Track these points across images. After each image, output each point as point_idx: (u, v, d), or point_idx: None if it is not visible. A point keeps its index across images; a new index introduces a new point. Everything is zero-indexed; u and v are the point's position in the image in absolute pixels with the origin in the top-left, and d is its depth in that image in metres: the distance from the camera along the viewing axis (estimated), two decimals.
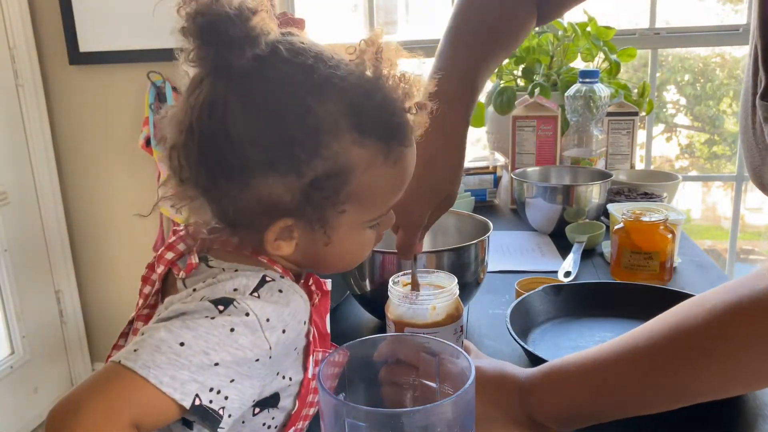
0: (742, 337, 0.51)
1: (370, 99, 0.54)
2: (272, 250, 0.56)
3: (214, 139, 0.53)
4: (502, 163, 1.61)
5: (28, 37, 2.29)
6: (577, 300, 0.90)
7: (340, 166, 0.54)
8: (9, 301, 2.26)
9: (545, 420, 0.60)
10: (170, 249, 0.61)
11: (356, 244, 0.61)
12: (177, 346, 0.49)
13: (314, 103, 0.52)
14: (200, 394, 0.49)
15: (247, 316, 0.51)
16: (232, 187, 0.54)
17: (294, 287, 0.56)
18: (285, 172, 0.53)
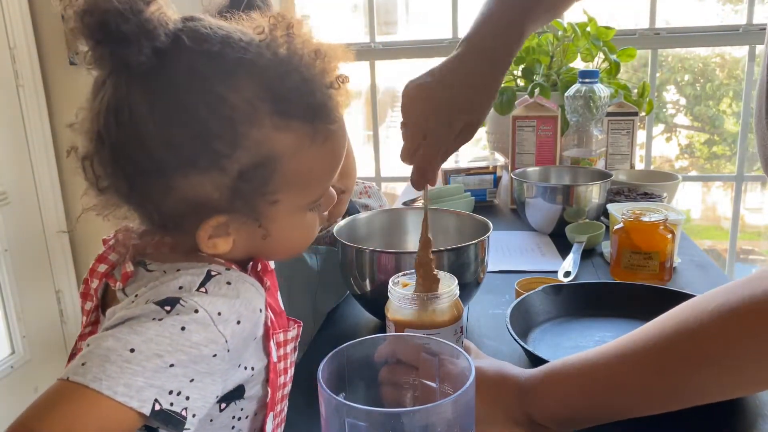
0: (742, 341, 0.51)
1: (287, 80, 0.51)
2: (208, 249, 0.54)
3: (125, 145, 0.50)
4: (502, 163, 1.61)
5: (28, 37, 2.29)
6: (577, 300, 0.90)
7: (265, 155, 0.51)
8: (9, 301, 2.26)
9: (545, 420, 0.61)
10: (101, 261, 0.59)
11: (298, 231, 0.59)
12: (127, 353, 0.46)
13: (226, 92, 0.49)
14: (159, 398, 0.47)
15: (196, 313, 0.49)
16: (153, 191, 0.52)
17: (243, 277, 0.55)
18: (207, 169, 0.50)
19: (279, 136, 0.52)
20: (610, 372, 0.58)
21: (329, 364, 0.51)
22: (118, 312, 0.51)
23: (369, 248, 0.89)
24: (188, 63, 0.50)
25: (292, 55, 0.52)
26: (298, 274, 1.01)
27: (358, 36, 2.38)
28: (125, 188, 0.52)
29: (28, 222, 2.35)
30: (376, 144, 2.38)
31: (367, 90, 2.35)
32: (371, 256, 0.87)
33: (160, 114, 0.49)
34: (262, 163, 0.52)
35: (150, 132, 0.49)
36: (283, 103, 0.51)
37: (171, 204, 0.53)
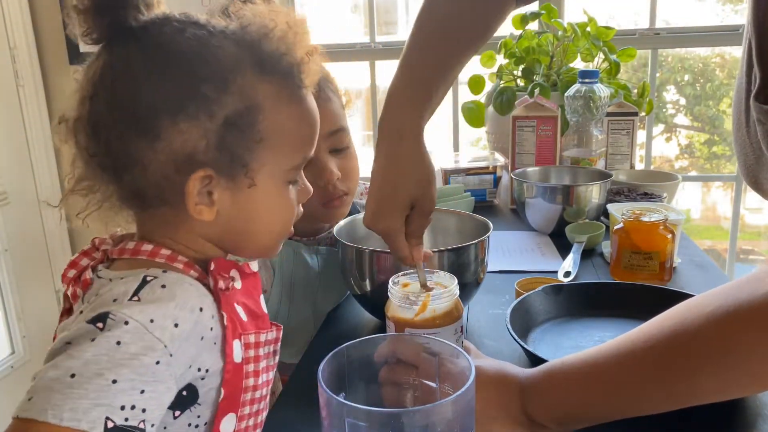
0: (741, 342, 0.51)
1: (264, 42, 0.57)
2: (195, 213, 0.56)
3: (120, 96, 0.54)
4: (502, 163, 1.61)
5: (28, 37, 2.29)
6: (577, 300, 0.90)
7: (248, 102, 0.55)
8: (9, 301, 2.26)
9: (545, 420, 0.61)
10: (72, 266, 0.60)
11: (279, 202, 0.61)
12: (68, 379, 0.47)
13: (214, 46, 0.55)
14: (110, 416, 0.47)
15: (126, 325, 0.49)
16: (143, 143, 0.54)
17: (182, 278, 0.55)
18: (195, 113, 0.53)
19: (260, 86, 0.57)
20: (609, 372, 0.58)
21: (329, 364, 0.51)
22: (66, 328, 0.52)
23: (369, 248, 0.89)
24: (179, 27, 0.55)
25: (267, 27, 0.58)
26: (299, 274, 1.01)
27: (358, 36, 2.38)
28: (116, 144, 0.54)
29: (28, 222, 2.35)
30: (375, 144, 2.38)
31: (367, 90, 2.35)
32: (371, 256, 0.87)
33: (154, 62, 0.54)
34: (246, 109, 0.55)
35: (143, 80, 0.54)
36: (262, 60, 0.57)
37: (159, 162, 0.54)
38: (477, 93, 1.84)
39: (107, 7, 0.53)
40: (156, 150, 0.54)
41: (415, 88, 0.77)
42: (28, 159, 2.35)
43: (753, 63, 0.53)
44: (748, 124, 0.55)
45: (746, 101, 0.54)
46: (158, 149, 0.54)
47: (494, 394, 0.62)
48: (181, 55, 0.54)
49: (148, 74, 0.54)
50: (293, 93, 0.59)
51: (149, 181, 0.55)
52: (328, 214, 0.99)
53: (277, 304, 1.00)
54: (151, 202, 0.57)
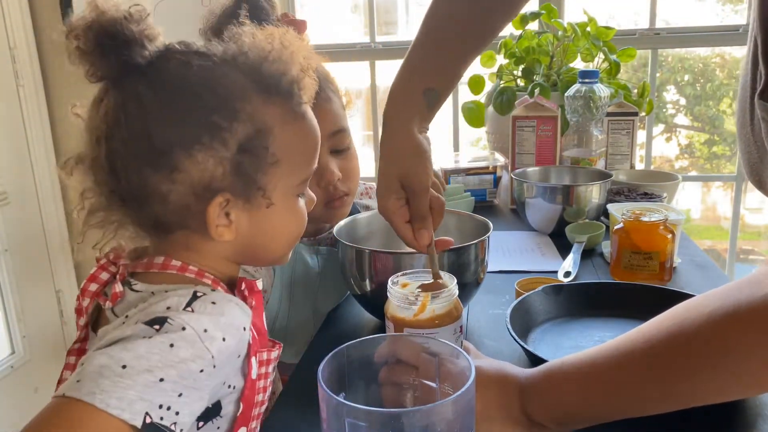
0: (740, 344, 0.51)
1: (265, 65, 0.59)
2: (216, 236, 0.58)
3: (135, 133, 0.56)
4: (502, 163, 1.61)
5: (28, 37, 2.29)
6: (577, 300, 0.90)
7: (258, 127, 0.58)
8: (9, 301, 2.26)
9: (544, 420, 0.61)
10: (92, 280, 0.63)
11: (291, 216, 0.64)
12: (119, 368, 0.49)
13: (219, 75, 0.57)
14: (150, 412, 0.49)
15: (183, 330, 0.52)
16: (161, 176, 0.56)
17: (227, 297, 0.57)
18: (209, 143, 0.55)
19: (267, 110, 0.59)
20: (609, 372, 0.58)
21: (329, 364, 0.51)
22: (110, 332, 0.53)
23: (369, 248, 0.89)
24: (183, 59, 0.57)
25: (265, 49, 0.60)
26: (299, 274, 1.01)
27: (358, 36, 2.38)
28: (135, 178, 0.56)
29: (28, 222, 2.35)
30: (376, 144, 2.38)
31: (367, 90, 2.35)
32: (371, 256, 0.87)
33: (165, 98, 0.56)
34: (256, 133, 0.58)
35: (157, 116, 0.55)
36: (265, 83, 0.59)
37: (178, 193, 0.56)
38: (477, 93, 1.84)
39: (112, 48, 0.54)
40: (175, 181, 0.56)
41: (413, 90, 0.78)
42: (28, 159, 2.35)
43: (758, 61, 0.53)
44: (753, 122, 0.55)
45: (751, 99, 0.54)
46: (177, 180, 0.56)
47: (494, 394, 0.62)
48: (190, 87, 0.56)
49: (160, 110, 0.56)
50: (296, 111, 0.62)
51: (170, 210, 0.57)
52: (329, 215, 0.99)
53: (277, 304, 1.00)
54: (171, 229, 0.59)
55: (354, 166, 1.00)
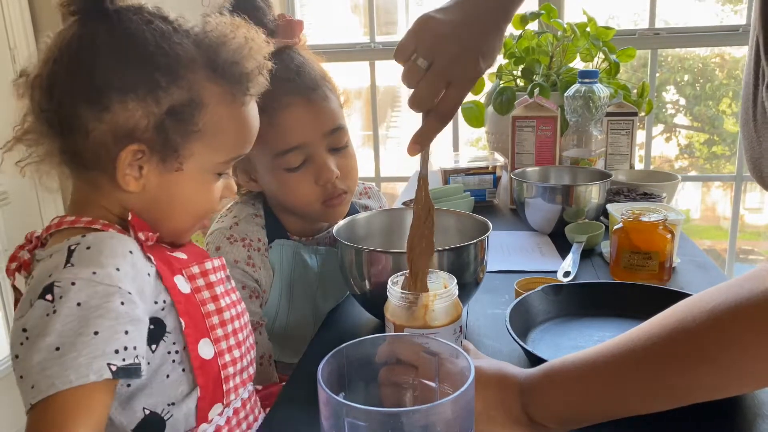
0: (741, 339, 0.51)
1: (221, 48, 0.64)
2: (122, 182, 0.61)
3: (80, 65, 0.60)
4: (502, 163, 1.61)
5: (28, 37, 2.29)
6: (577, 300, 0.90)
7: (193, 97, 0.61)
8: (9, 301, 2.26)
9: (545, 420, 0.61)
10: (13, 260, 0.65)
11: (201, 190, 0.66)
12: (55, 352, 0.51)
13: (175, 42, 0.61)
14: (110, 361, 0.52)
15: (74, 285, 0.54)
16: (91, 111, 0.59)
17: (99, 235, 0.59)
18: (144, 96, 0.59)
19: (208, 86, 0.63)
20: (608, 370, 0.58)
21: (329, 364, 0.51)
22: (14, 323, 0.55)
23: (368, 248, 0.89)
24: (147, 17, 0.61)
25: (228, 36, 0.64)
26: (299, 274, 1.01)
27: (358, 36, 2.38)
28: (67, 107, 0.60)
29: (28, 222, 2.35)
30: (375, 144, 2.38)
31: (366, 90, 2.35)
32: (371, 256, 0.87)
33: (117, 44, 0.60)
34: (190, 103, 0.61)
35: (104, 57, 0.59)
36: (216, 64, 0.63)
37: (100, 132, 0.60)
38: (477, 93, 1.84)
39: None
40: (101, 120, 0.60)
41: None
42: None
43: (760, 58, 0.53)
44: (755, 118, 0.55)
45: (753, 96, 0.55)
46: (103, 119, 0.60)
47: (494, 394, 0.62)
48: (144, 42, 0.60)
49: (111, 52, 0.60)
50: (236, 98, 0.66)
51: (89, 146, 0.61)
52: (328, 213, 0.99)
53: (276, 304, 1.01)
54: (87, 165, 0.62)
55: (352, 164, 1.00)
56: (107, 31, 0.60)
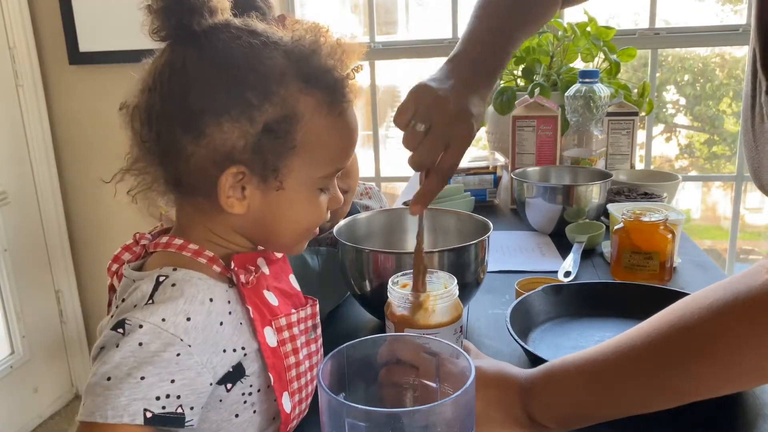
0: (739, 334, 0.51)
1: (313, 57, 0.61)
2: (226, 206, 0.60)
3: (173, 91, 0.59)
4: (502, 163, 1.61)
5: (28, 37, 2.29)
6: (577, 300, 0.90)
7: (288, 112, 0.59)
8: (9, 301, 2.26)
9: (545, 420, 0.61)
10: (115, 261, 0.66)
11: (307, 207, 0.64)
12: (105, 381, 0.54)
13: (264, 57, 0.59)
14: (148, 407, 0.54)
15: (141, 328, 0.55)
16: (188, 137, 0.59)
17: (188, 274, 0.60)
18: (238, 116, 0.58)
19: (302, 98, 0.60)
20: (609, 370, 0.58)
21: (329, 364, 0.51)
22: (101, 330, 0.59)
23: (368, 248, 0.89)
24: (236, 34, 0.60)
25: (317, 41, 0.62)
26: (299, 274, 1.01)
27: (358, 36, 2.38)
28: (165, 134, 0.60)
29: (28, 222, 2.35)
30: (375, 144, 2.38)
31: (366, 90, 2.35)
32: (371, 256, 0.87)
33: (207, 67, 0.59)
34: (285, 118, 0.59)
35: (196, 80, 0.59)
36: (308, 74, 0.61)
37: (199, 156, 0.59)
38: None
39: (175, 10, 0.58)
40: (199, 144, 0.59)
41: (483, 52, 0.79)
42: (27, 159, 2.35)
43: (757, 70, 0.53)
44: (754, 128, 0.55)
45: (752, 107, 0.55)
46: (200, 144, 0.59)
47: (494, 394, 0.62)
48: (233, 61, 0.59)
49: (201, 75, 0.59)
50: (334, 107, 0.62)
51: (189, 172, 0.60)
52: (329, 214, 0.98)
53: None
54: (190, 191, 0.62)
55: (354, 164, 1.00)
56: (197, 54, 0.59)
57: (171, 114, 0.59)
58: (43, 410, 2.40)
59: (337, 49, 0.63)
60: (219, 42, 0.59)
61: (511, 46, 0.81)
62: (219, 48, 0.59)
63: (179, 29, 0.59)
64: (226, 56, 0.59)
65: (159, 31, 0.59)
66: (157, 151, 0.61)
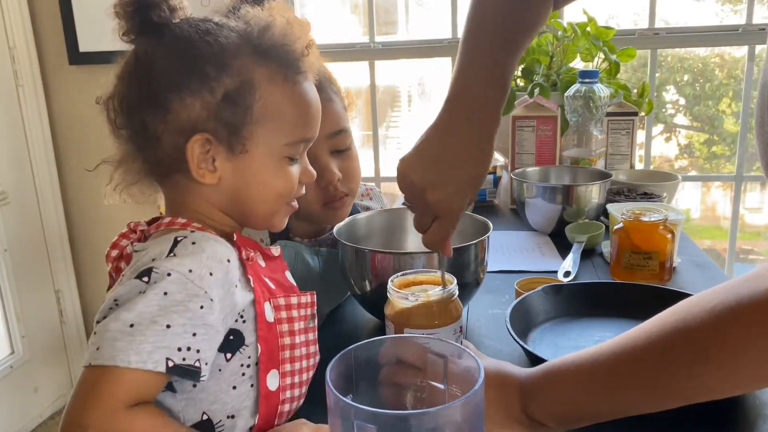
0: (742, 338, 0.51)
1: (265, 33, 0.66)
2: (198, 177, 0.64)
3: (139, 77, 0.65)
4: (502, 163, 1.61)
5: (28, 37, 2.29)
6: (577, 300, 0.90)
7: (244, 81, 0.64)
8: (9, 301, 2.26)
9: (545, 419, 0.61)
10: (114, 247, 0.69)
11: (274, 174, 0.68)
12: (128, 328, 0.55)
13: (219, 35, 0.65)
14: (171, 356, 0.55)
15: (170, 276, 0.57)
16: (156, 116, 0.64)
17: (206, 235, 0.63)
18: (199, 89, 0.63)
19: (257, 69, 0.65)
20: (609, 370, 0.58)
21: (337, 365, 0.50)
22: (108, 294, 0.59)
23: (368, 248, 0.90)
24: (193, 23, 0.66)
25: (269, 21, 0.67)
26: (300, 275, 1.01)
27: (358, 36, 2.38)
28: (136, 116, 0.65)
29: (28, 222, 2.35)
30: (375, 144, 2.38)
31: (366, 90, 2.35)
32: (371, 256, 0.87)
33: (167, 49, 0.64)
34: (242, 86, 0.64)
35: (158, 63, 0.64)
36: (262, 47, 0.66)
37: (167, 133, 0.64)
38: None
39: (137, 9, 0.64)
40: (167, 122, 0.63)
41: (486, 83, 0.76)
42: (27, 159, 2.35)
43: None
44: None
45: None
46: (168, 121, 0.63)
47: (494, 393, 0.62)
48: (191, 41, 0.64)
49: (162, 58, 0.64)
50: (288, 77, 0.67)
51: (163, 149, 0.64)
52: (329, 216, 0.98)
53: None
54: (167, 170, 0.66)
55: (355, 167, 1.00)
56: (158, 41, 0.64)
57: (138, 98, 0.64)
58: (43, 410, 2.40)
59: (287, 28, 0.67)
60: (177, 29, 0.65)
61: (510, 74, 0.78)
62: (177, 33, 0.65)
63: (142, 24, 0.64)
64: (185, 38, 0.64)
65: (127, 32, 0.65)
66: (133, 138, 0.65)
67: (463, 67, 0.75)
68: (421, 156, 0.74)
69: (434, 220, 0.74)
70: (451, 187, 0.72)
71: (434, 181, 0.72)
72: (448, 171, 0.72)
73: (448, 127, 0.74)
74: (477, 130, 0.74)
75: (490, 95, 0.74)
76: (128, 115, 0.65)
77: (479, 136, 0.74)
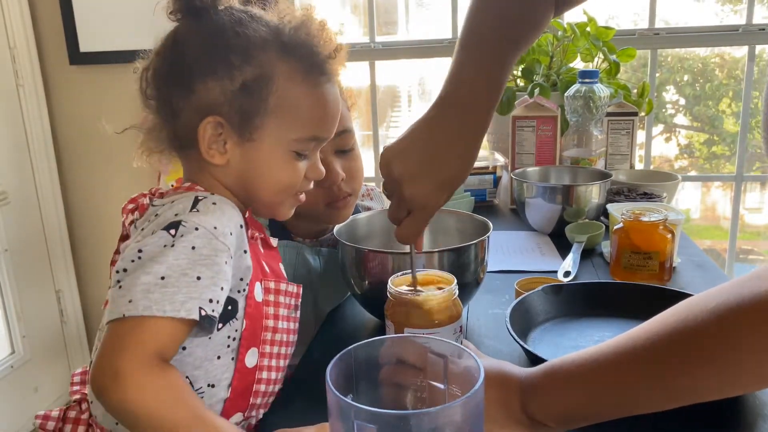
0: (743, 339, 0.51)
1: (296, 32, 0.70)
2: (207, 157, 0.68)
3: (172, 55, 0.69)
4: (502, 163, 1.61)
5: (28, 37, 2.29)
6: (577, 300, 0.90)
7: (263, 73, 0.67)
8: (9, 301, 2.26)
9: (545, 419, 0.61)
10: (132, 202, 0.72)
11: (282, 166, 0.71)
12: (159, 280, 0.58)
13: (251, 27, 0.68)
14: (203, 306, 0.59)
15: (197, 230, 0.60)
16: (179, 94, 0.68)
17: (224, 199, 0.66)
18: (222, 76, 0.67)
19: (278, 63, 0.68)
20: (609, 369, 0.58)
21: (337, 365, 0.50)
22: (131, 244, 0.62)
23: (369, 248, 0.90)
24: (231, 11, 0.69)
25: (303, 22, 0.71)
26: (301, 275, 1.01)
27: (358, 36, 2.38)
28: (163, 88, 0.69)
29: (28, 222, 2.35)
30: (375, 144, 2.38)
31: (366, 90, 2.35)
32: (371, 256, 0.87)
33: (202, 34, 0.68)
34: (260, 78, 0.67)
35: (191, 45, 0.68)
36: (289, 44, 0.69)
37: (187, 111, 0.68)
38: None
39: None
40: (188, 100, 0.68)
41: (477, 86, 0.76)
42: (28, 159, 2.35)
43: None
44: None
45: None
46: (189, 100, 0.68)
47: (494, 393, 0.62)
48: (223, 29, 0.68)
49: (196, 41, 0.68)
50: (308, 76, 0.70)
51: (181, 127, 0.69)
52: (332, 215, 0.99)
53: None
54: (184, 145, 0.70)
55: (358, 167, 1.00)
56: (196, 24, 0.69)
57: (168, 74, 0.69)
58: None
59: (320, 30, 0.71)
60: (216, 15, 0.68)
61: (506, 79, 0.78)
62: (214, 19, 0.68)
63: (187, 5, 0.68)
64: (219, 25, 0.68)
65: (174, 11, 0.69)
66: (159, 109, 0.70)
67: (459, 66, 0.74)
68: (406, 147, 0.73)
69: (408, 213, 0.73)
70: (429, 183, 0.71)
71: (414, 175, 0.71)
72: (429, 167, 0.71)
73: (437, 124, 0.73)
74: (465, 130, 0.74)
75: (483, 98, 0.75)
76: (157, 88, 0.70)
77: (467, 137, 0.74)
